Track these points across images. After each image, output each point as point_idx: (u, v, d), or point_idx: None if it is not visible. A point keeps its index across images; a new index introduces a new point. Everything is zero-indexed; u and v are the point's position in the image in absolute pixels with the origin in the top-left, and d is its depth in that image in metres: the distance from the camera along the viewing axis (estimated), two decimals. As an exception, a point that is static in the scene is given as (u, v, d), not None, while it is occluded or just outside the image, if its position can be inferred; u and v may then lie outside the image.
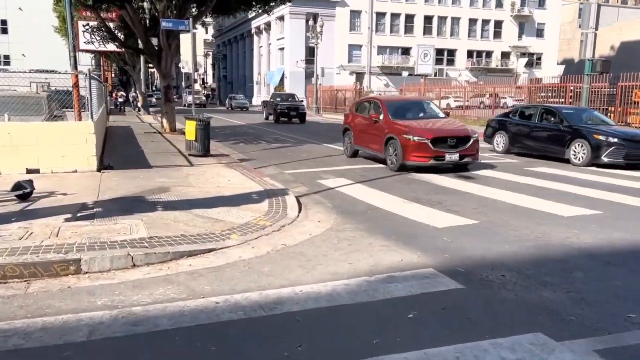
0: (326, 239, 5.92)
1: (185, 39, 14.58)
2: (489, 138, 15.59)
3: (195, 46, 12.94)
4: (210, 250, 5.47)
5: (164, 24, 13.47)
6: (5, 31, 46.14)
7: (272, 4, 18.47)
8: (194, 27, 14.10)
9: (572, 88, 22.30)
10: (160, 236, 5.64)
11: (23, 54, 43.58)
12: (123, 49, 20.55)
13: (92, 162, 9.35)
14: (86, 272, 4.84)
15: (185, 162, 11.51)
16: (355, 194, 8.66)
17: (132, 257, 5.03)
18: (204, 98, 60.09)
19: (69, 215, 6.25)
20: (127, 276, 4.72)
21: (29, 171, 8.97)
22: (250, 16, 66.35)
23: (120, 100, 41.79)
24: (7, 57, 45.65)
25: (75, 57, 9.15)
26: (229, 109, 50.72)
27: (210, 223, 6.36)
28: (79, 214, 6.35)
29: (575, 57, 77.24)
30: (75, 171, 9.26)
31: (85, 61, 36.82)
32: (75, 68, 9.16)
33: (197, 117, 12.35)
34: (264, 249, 5.56)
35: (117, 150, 13.15)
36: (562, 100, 21.81)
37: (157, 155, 12.34)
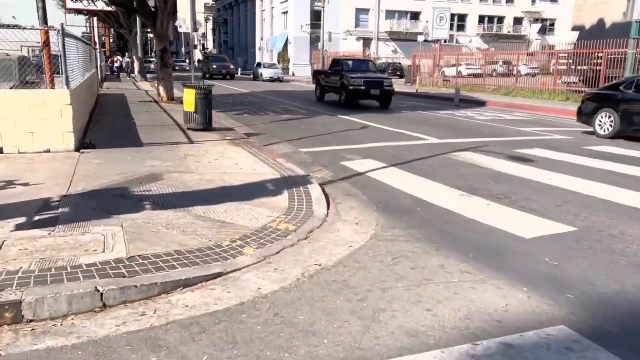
0: (375, 255, 4.27)
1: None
2: (587, 117, 12.15)
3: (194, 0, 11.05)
4: (216, 276, 3.84)
5: (157, -25, 11.54)
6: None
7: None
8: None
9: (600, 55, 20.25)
10: (145, 254, 3.99)
11: (13, 17, 41.29)
12: (114, 7, 18.58)
13: (68, 140, 7.63)
14: (31, 320, 3.21)
15: (183, 137, 9.77)
16: (393, 182, 6.98)
17: (102, 294, 3.39)
18: (232, 66, 41.49)
19: (22, 220, 4.58)
20: (92, 330, 3.08)
21: (-10, 151, 7.28)
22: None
23: (116, 65, 39.77)
24: (-4, 19, 43.37)
25: (44, 8, 7.30)
26: (258, 79, 39.89)
27: (215, 228, 4.71)
28: (36, 217, 4.67)
29: (586, 23, 74.39)
30: (48, 151, 7.55)
31: (80, 23, 34.49)
32: (45, 22, 7.33)
33: (197, 84, 10.56)
34: (291, 272, 3.92)
35: (104, 123, 11.40)
36: (598, 68, 19.75)
37: (150, 129, 10.61)
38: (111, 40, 58.63)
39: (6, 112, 7.24)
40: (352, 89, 17.64)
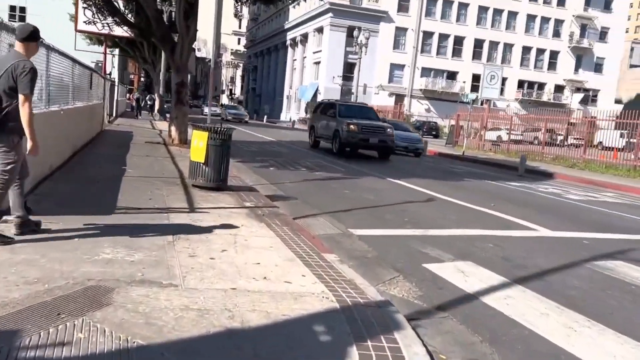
0: None
1: (204, 20, 9.79)
2: None
3: (220, 13, 8.23)
4: None
5: (176, -19, 8.85)
6: (22, 19, 42.68)
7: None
8: None
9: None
10: None
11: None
12: (127, 31, 16.07)
13: (-17, 199, 4.55)
14: None
15: (182, 201, 6.67)
16: (542, 328, 3.72)
17: None
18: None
19: None
20: None
21: None
22: (287, 26, 62.56)
23: (144, 102, 37.91)
24: (21, 46, 42.13)
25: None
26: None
27: None
28: None
29: (623, 97, 71.32)
30: (-55, 215, 4.47)
31: (109, 59, 32.38)
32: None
33: (211, 126, 7.57)
34: None
35: (83, 169, 8.42)
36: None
37: (141, 183, 7.56)
38: (141, 78, 58.04)
39: None
40: None
